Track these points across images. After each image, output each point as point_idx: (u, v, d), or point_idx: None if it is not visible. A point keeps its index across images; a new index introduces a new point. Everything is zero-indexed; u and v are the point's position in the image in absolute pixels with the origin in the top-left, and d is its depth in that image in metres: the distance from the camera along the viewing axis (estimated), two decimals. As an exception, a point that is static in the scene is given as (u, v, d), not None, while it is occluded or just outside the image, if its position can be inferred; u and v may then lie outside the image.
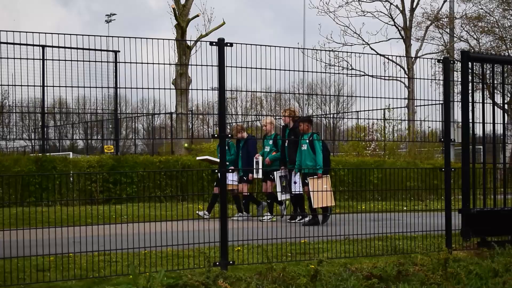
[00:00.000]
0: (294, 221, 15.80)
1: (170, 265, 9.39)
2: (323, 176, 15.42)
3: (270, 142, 16.96)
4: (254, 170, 16.72)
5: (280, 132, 17.63)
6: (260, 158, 16.84)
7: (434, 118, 12.03)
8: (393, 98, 11.64)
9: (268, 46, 9.92)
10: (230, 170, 10.45)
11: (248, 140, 17.36)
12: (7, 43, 12.13)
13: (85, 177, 20.57)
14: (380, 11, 43.79)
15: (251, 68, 9.83)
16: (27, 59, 10.97)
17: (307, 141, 15.54)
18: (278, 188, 16.32)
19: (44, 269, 9.20)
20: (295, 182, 16.23)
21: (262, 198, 17.99)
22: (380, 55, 15.43)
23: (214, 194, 17.05)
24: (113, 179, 21.18)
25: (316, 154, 15.53)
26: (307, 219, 15.55)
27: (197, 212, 16.24)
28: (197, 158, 20.05)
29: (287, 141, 16.27)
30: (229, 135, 9.82)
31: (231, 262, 9.33)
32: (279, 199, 16.62)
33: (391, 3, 43.32)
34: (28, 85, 11.79)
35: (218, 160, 17.22)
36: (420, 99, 11.77)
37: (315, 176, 15.39)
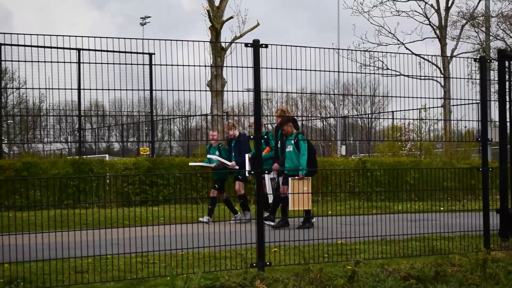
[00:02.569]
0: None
1: (207, 266, 9.41)
2: (305, 178, 14.85)
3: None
4: (247, 168, 16.24)
5: (273, 132, 17.24)
6: (247, 157, 16.38)
7: (470, 117, 11.95)
8: (428, 98, 11.58)
9: (303, 47, 9.91)
10: (266, 172, 10.39)
11: (240, 138, 17.01)
12: (44, 47, 12.26)
13: (121, 179, 20.68)
14: (415, 11, 43.60)
15: (286, 69, 9.82)
16: (64, 62, 11.05)
17: (293, 142, 15.11)
18: (269, 190, 15.74)
19: (83, 271, 9.27)
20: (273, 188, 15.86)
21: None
22: (415, 54, 15.31)
23: (212, 197, 16.99)
24: (149, 181, 21.28)
25: (300, 155, 15.10)
26: (278, 221, 15.11)
27: (199, 219, 15.93)
28: (190, 164, 19.92)
29: (279, 142, 15.73)
30: (265, 137, 9.81)
31: (268, 263, 9.32)
32: (269, 201, 15.92)
33: (426, 2, 43.11)
34: (65, 88, 11.87)
35: (212, 165, 17.17)
36: (456, 99, 11.68)
37: (296, 177, 14.88)
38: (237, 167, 16.54)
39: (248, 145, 16.99)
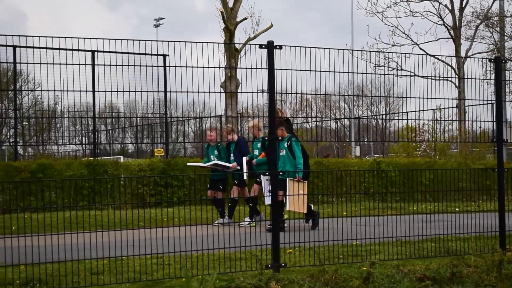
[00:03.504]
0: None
1: (222, 267, 9.42)
2: (302, 180, 14.68)
3: (259, 145, 16.31)
4: (244, 172, 16.13)
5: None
6: (245, 160, 16.27)
7: (485, 118, 11.91)
8: (443, 99, 11.55)
9: (318, 48, 9.91)
10: (281, 173, 10.37)
11: (239, 141, 16.84)
12: (59, 49, 12.32)
13: (136, 180, 20.72)
14: (429, 11, 43.47)
15: (300, 70, 9.82)
16: (79, 64, 11.09)
17: (286, 146, 14.93)
18: (266, 193, 15.21)
19: (98, 272, 9.30)
20: (269, 191, 15.57)
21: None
22: (430, 55, 15.28)
23: (214, 199, 16.91)
24: (164, 182, 21.31)
25: (296, 158, 14.93)
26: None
27: (216, 223, 15.81)
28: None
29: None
30: (279, 137, 9.79)
31: (283, 264, 9.32)
32: (266, 203, 15.43)
33: (440, 3, 42.99)
34: (80, 90, 11.91)
35: (206, 165, 17.05)
36: (471, 99, 11.65)
37: (295, 179, 14.65)
38: (238, 167, 16.36)
39: (247, 148, 16.88)
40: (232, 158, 16.77)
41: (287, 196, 14.27)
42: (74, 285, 8.55)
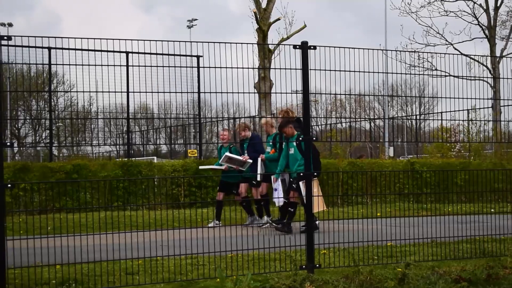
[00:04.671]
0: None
1: (256, 268, 9.41)
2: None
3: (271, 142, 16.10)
4: (258, 172, 15.88)
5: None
6: (260, 160, 16.05)
7: (521, 118, 11.80)
8: (478, 99, 11.46)
9: (352, 48, 9.88)
10: (315, 174, 10.34)
11: (254, 138, 16.59)
12: (94, 50, 12.40)
13: (170, 181, 20.80)
14: (464, 11, 43.22)
15: (334, 70, 9.79)
16: (114, 65, 11.16)
17: (295, 144, 14.63)
18: (275, 194, 15.30)
19: (133, 272, 9.35)
20: (275, 189, 15.36)
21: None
22: (464, 55, 15.22)
23: (218, 201, 16.80)
24: (197, 183, 21.36)
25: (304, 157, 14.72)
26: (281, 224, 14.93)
27: (208, 225, 15.67)
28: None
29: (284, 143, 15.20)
30: (314, 138, 9.78)
31: (317, 265, 9.30)
32: (276, 204, 15.63)
33: (474, 2, 42.71)
34: (115, 92, 11.98)
35: (218, 167, 16.88)
36: (506, 99, 11.55)
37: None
38: (250, 161, 16.06)
39: (262, 145, 16.68)
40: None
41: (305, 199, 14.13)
42: (109, 285, 8.60)
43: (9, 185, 7.97)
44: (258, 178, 15.93)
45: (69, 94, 46.77)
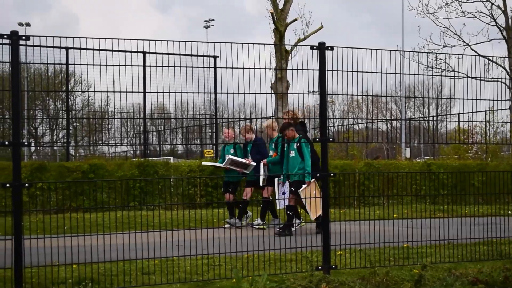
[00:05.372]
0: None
1: (272, 268, 9.42)
2: (310, 182, 14.30)
3: (273, 146, 15.98)
4: (261, 175, 15.70)
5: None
6: (262, 163, 15.89)
7: (539, 119, 11.75)
8: (495, 100, 11.41)
9: (369, 49, 9.86)
10: (332, 175, 10.28)
11: (257, 141, 16.46)
12: (112, 50, 12.41)
13: (186, 181, 20.82)
14: (481, 12, 42.95)
15: (351, 71, 9.77)
16: (131, 66, 11.17)
17: (295, 147, 14.61)
18: (278, 196, 15.24)
19: (149, 272, 9.37)
20: (283, 193, 15.16)
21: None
22: (481, 56, 15.08)
23: (227, 202, 16.71)
24: (213, 183, 21.37)
25: (304, 160, 14.54)
26: (295, 226, 14.62)
27: (226, 220, 15.76)
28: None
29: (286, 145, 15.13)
30: (330, 139, 9.76)
31: (333, 266, 9.28)
32: (278, 206, 15.54)
33: (492, 3, 42.46)
34: (132, 92, 12.01)
35: (221, 165, 16.78)
36: (525, 101, 11.49)
37: (304, 185, 14.28)
38: (253, 163, 15.98)
39: (265, 148, 16.54)
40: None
41: (307, 206, 13.99)
42: (125, 285, 8.62)
43: (26, 185, 8.01)
44: (261, 182, 15.78)
45: (86, 94, 46.91)
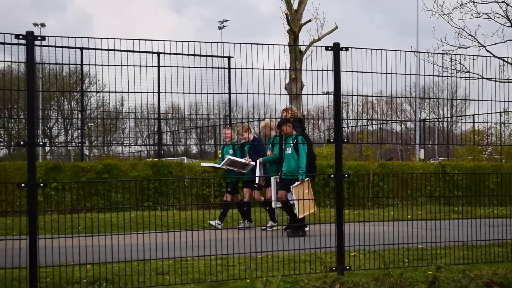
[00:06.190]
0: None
1: (286, 269, 9.41)
2: (303, 181, 14.10)
3: (271, 145, 15.90)
4: (257, 176, 15.59)
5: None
6: (258, 162, 15.74)
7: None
8: (510, 101, 11.38)
9: (384, 50, 9.85)
10: (346, 176, 10.26)
11: (255, 141, 16.38)
12: (127, 51, 12.45)
13: (201, 181, 20.84)
14: (496, 13, 42.74)
15: (366, 72, 9.76)
16: (146, 66, 11.17)
17: (291, 144, 14.48)
18: (274, 195, 14.98)
19: (163, 272, 9.38)
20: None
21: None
22: (496, 57, 15.03)
23: (226, 202, 16.72)
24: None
25: (299, 158, 14.38)
26: (307, 229, 14.41)
27: (208, 221, 15.43)
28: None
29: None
30: (345, 140, 9.74)
31: (347, 267, 9.27)
32: (273, 206, 15.29)
33: (507, 4, 42.26)
34: (147, 92, 12.04)
35: (220, 165, 16.69)
36: (540, 102, 11.45)
37: (297, 182, 14.09)
38: (252, 163, 15.81)
39: (264, 148, 16.34)
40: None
41: (296, 203, 13.91)
42: (139, 285, 8.63)
43: (41, 185, 8.04)
44: (257, 181, 15.65)
45: (101, 94, 47.04)
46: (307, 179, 14.13)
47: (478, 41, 42.41)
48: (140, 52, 11.81)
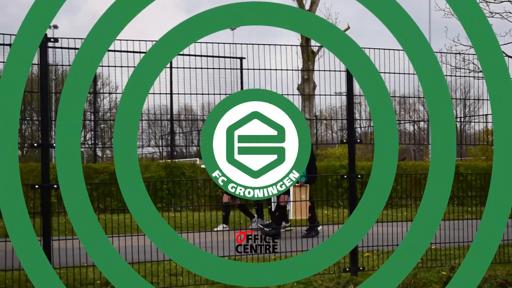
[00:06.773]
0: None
1: (299, 270, 9.38)
2: (304, 184, 13.96)
3: None
4: None
5: None
6: None
7: None
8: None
9: (396, 50, 9.84)
10: (359, 176, 10.23)
11: None
12: (139, 52, 12.45)
13: (214, 182, 20.81)
14: (509, 12, 42.66)
15: (379, 72, 9.73)
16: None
17: None
18: (274, 198, 14.75)
19: (177, 273, 9.38)
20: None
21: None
22: (509, 56, 15.01)
23: (225, 203, 16.62)
24: (240, 185, 21.35)
25: None
26: (319, 228, 14.35)
27: (215, 229, 15.50)
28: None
29: None
30: (358, 140, 9.73)
31: (361, 267, 9.27)
32: (273, 209, 15.18)
33: (520, 3, 42.20)
34: (160, 93, 12.05)
35: None
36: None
37: (296, 184, 14.13)
38: None
39: None
40: None
41: (291, 203, 13.93)
42: (153, 286, 8.64)
43: (55, 186, 8.06)
44: None
45: (114, 95, 47.13)
46: (307, 185, 14.13)
47: (491, 41, 42.32)
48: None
